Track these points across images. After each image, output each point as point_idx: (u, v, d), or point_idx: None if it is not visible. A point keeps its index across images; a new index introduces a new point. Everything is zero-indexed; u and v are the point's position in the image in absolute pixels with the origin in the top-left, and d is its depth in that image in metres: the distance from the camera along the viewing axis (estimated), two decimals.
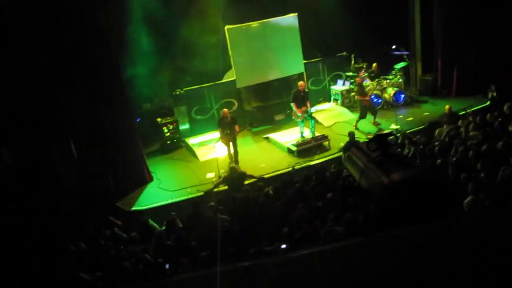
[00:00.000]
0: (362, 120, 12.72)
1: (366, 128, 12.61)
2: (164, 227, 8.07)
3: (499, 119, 9.67)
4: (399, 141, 9.61)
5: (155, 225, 8.38)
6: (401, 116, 13.01)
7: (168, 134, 13.10)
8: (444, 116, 11.58)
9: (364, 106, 12.69)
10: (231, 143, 11.08)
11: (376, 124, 12.69)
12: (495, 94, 12.64)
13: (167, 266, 6.50)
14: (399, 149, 8.93)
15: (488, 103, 12.96)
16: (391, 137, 2.39)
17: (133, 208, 10.10)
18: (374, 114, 12.78)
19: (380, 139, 2.40)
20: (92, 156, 10.28)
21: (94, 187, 10.20)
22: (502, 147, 7.85)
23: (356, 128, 12.52)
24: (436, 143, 9.16)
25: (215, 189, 10.12)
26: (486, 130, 9.27)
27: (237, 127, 11.08)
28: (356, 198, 2.32)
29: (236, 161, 10.94)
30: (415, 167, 2.25)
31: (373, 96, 13.78)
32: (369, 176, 2.31)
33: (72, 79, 9.80)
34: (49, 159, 9.62)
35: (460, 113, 11.90)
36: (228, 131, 10.96)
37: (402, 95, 14.24)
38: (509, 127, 9.20)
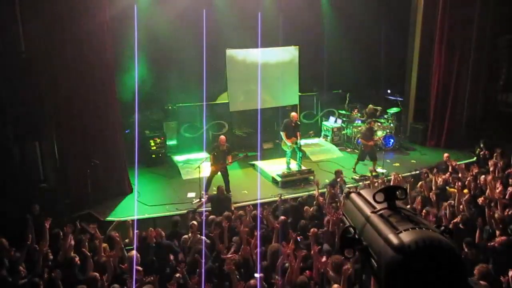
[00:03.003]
0: (360, 163, 12.52)
1: (362, 171, 12.37)
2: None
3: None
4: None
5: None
6: (388, 161, 13.02)
7: (154, 147, 12.94)
8: (442, 163, 11.64)
9: (363, 150, 12.51)
10: (219, 173, 10.85)
11: (372, 171, 11.95)
12: (483, 150, 12.73)
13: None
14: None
15: (474, 159, 13.06)
16: (400, 191, 2.25)
17: (108, 218, 9.86)
18: (374, 160, 12.37)
19: (388, 191, 2.27)
20: (73, 160, 10.08)
21: (71, 191, 9.98)
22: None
23: (354, 171, 12.36)
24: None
25: (199, 209, 9.93)
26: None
27: (230, 158, 10.92)
28: (356, 253, 2.17)
29: (228, 190, 10.72)
30: (427, 227, 2.10)
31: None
32: (373, 230, 2.16)
33: (64, 77, 9.67)
34: (30, 157, 9.40)
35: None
36: (222, 161, 10.78)
37: (392, 140, 14.31)
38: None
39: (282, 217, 8.12)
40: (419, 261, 1.90)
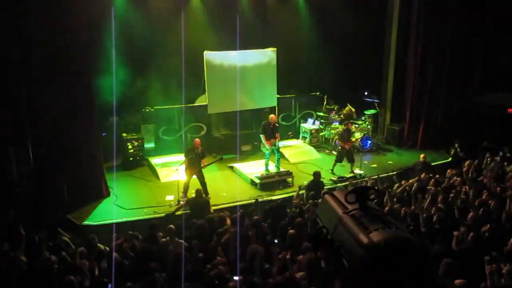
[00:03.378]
0: (338, 164, 12.61)
1: (340, 172, 12.48)
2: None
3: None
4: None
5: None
6: (365, 162, 13.16)
7: (132, 150, 12.84)
8: (418, 164, 11.84)
9: (341, 151, 12.61)
10: (195, 176, 10.78)
11: (353, 172, 12.36)
12: (458, 151, 13.01)
13: (110, 286, 6.23)
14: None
15: (450, 159, 13.32)
16: (372, 190, 2.29)
17: (85, 222, 9.73)
18: (351, 162, 12.46)
19: (359, 192, 2.31)
20: (49, 163, 9.92)
21: (47, 195, 9.82)
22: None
23: (332, 172, 12.45)
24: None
25: (177, 212, 9.88)
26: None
27: (204, 161, 10.85)
28: (328, 253, 2.18)
29: (206, 193, 10.66)
30: (396, 227, 2.14)
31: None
32: (345, 231, 2.20)
33: (40, 80, 9.51)
34: (4, 161, 9.22)
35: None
36: (196, 164, 10.71)
37: (369, 141, 14.48)
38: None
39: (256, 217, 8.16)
40: (388, 260, 1.95)
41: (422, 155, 11.95)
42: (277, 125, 12.31)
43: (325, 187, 10.56)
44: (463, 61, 14.42)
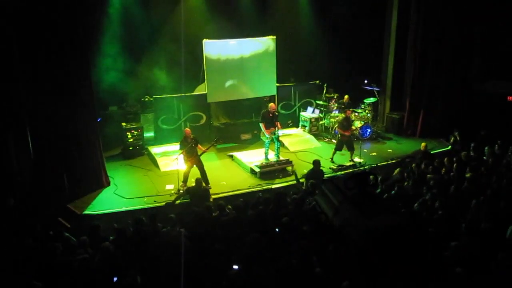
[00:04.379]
0: (337, 153, 12.59)
1: (340, 161, 12.45)
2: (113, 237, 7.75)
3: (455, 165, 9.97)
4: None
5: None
6: (365, 150, 13.16)
7: (132, 140, 12.82)
8: (418, 153, 11.83)
9: (341, 140, 12.56)
10: (195, 166, 10.76)
11: (353, 161, 12.37)
12: (457, 139, 13.00)
13: (115, 279, 6.25)
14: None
15: (449, 147, 13.32)
16: (371, 176, 2.30)
17: (85, 212, 9.74)
18: (351, 150, 12.43)
19: (359, 178, 2.31)
20: (49, 152, 9.90)
21: (47, 185, 9.81)
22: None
23: (332, 161, 12.44)
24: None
25: (177, 201, 9.89)
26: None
27: (200, 147, 10.77)
28: (328, 237, 2.18)
29: (206, 182, 10.66)
30: (395, 212, 2.16)
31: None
32: (345, 216, 2.22)
33: (37, 68, 9.45)
34: (4, 149, 9.19)
35: None
36: (194, 153, 10.63)
37: (369, 130, 14.46)
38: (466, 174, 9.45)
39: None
40: (387, 243, 1.97)
41: (423, 144, 11.93)
42: (276, 113, 12.27)
43: (325, 176, 10.57)
44: (464, 49, 14.35)
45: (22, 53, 9.18)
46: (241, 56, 13.88)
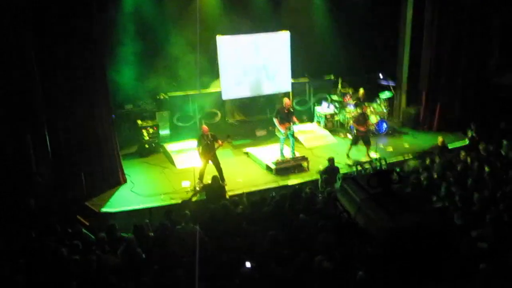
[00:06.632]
0: (353, 148, 12.48)
1: (356, 156, 12.34)
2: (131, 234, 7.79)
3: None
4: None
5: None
6: (381, 145, 13.06)
7: (147, 137, 12.90)
8: (436, 148, 11.71)
9: (356, 135, 12.44)
10: (210, 162, 10.80)
11: (369, 156, 12.22)
12: (474, 133, 12.81)
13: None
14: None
15: (466, 141, 13.13)
16: (394, 174, 2.26)
17: (103, 210, 9.85)
18: (367, 145, 12.33)
19: (382, 176, 2.28)
20: (66, 151, 10.03)
21: (66, 184, 9.93)
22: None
23: (348, 157, 12.33)
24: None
25: (193, 198, 9.93)
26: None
27: (219, 141, 10.78)
28: (351, 236, 2.16)
29: (222, 179, 10.70)
30: (420, 211, 2.14)
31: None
32: (368, 215, 2.19)
33: (55, 69, 9.57)
34: (23, 150, 9.32)
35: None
36: (212, 150, 10.66)
37: (385, 125, 14.34)
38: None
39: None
40: (411, 243, 1.95)
41: (440, 139, 11.78)
42: (291, 110, 12.22)
43: (340, 172, 10.52)
44: (481, 42, 14.11)
45: (39, 54, 9.29)
46: (255, 52, 13.85)
